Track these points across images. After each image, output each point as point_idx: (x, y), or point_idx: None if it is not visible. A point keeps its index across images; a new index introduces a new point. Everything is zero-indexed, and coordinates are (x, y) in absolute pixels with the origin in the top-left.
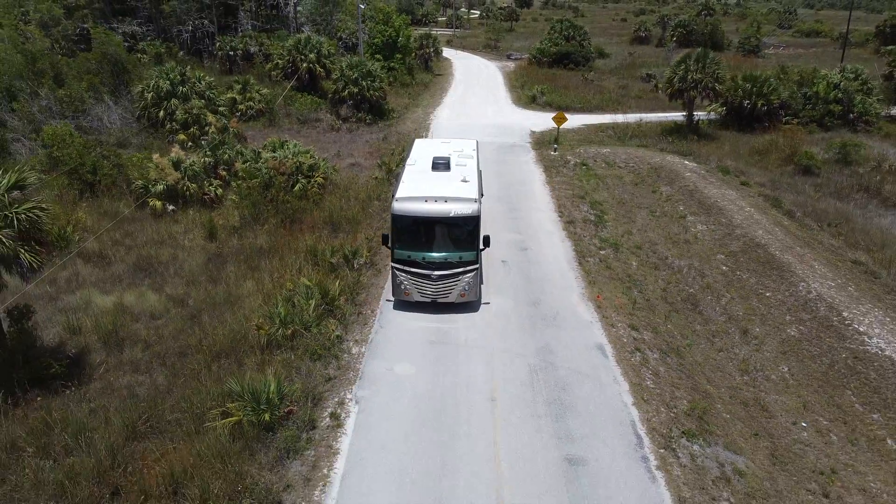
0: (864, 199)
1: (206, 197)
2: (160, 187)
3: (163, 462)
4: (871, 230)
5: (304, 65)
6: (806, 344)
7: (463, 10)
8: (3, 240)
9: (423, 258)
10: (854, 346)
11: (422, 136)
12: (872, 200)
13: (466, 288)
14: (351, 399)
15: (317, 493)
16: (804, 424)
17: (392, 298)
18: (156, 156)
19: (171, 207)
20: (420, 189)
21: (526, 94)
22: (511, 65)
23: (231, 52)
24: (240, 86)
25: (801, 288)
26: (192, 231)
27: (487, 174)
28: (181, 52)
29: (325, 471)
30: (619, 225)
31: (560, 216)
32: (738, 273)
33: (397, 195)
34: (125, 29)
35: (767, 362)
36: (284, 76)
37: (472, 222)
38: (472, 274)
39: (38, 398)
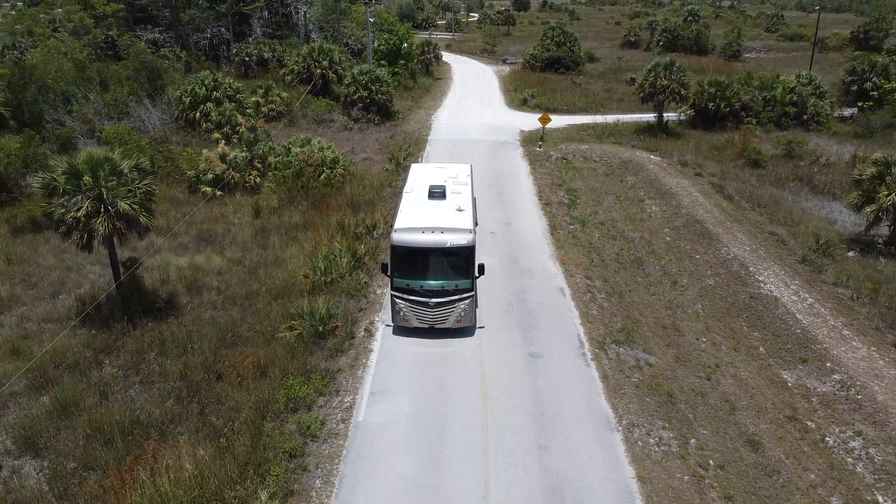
0: (797, 186)
1: (246, 184)
2: (210, 176)
3: (250, 357)
4: (794, 210)
5: (318, 71)
6: (718, 290)
7: (462, 13)
8: (132, 206)
9: (421, 286)
10: (752, 290)
11: (423, 135)
12: (805, 188)
13: (462, 314)
14: (378, 320)
15: (359, 372)
16: (704, 340)
17: (391, 324)
18: (206, 151)
19: (219, 193)
20: (417, 219)
21: (518, 96)
22: (506, 69)
23: (247, 58)
24: (262, 90)
25: (723, 251)
26: (239, 211)
27: (481, 168)
28: (204, 59)
29: (363, 361)
30: (587, 207)
31: (539, 200)
32: (678, 242)
33: (396, 226)
34: (147, 36)
35: (687, 302)
36: (300, 81)
37: (468, 252)
38: (468, 301)
39: (149, 324)
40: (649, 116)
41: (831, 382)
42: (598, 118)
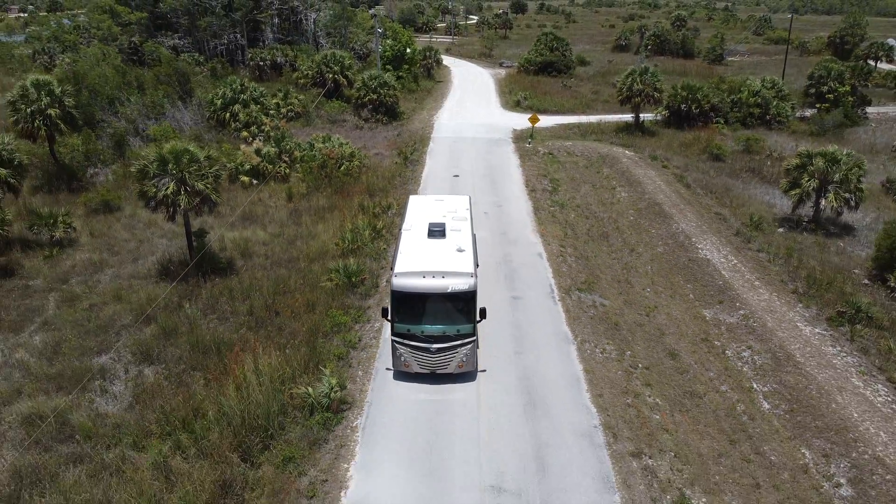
0: (749, 177)
1: (277, 174)
2: (247, 167)
3: (300, 300)
4: (742, 196)
5: (331, 75)
6: (665, 255)
7: (461, 14)
8: (206, 186)
9: (422, 332)
10: (691, 255)
11: (427, 134)
12: (755, 178)
13: (464, 359)
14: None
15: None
16: (648, 290)
17: (392, 368)
18: (243, 146)
19: (255, 182)
20: (417, 261)
21: (512, 98)
22: (502, 72)
23: (261, 62)
24: (281, 94)
25: (673, 227)
26: (274, 196)
27: (477, 161)
28: (220, 66)
29: (386, 301)
30: (567, 193)
31: (526, 187)
32: (639, 220)
33: (396, 270)
34: (168, 42)
35: (640, 264)
36: (313, 84)
37: (469, 296)
38: (470, 346)
39: (216, 279)
40: (628, 117)
41: (737, 316)
42: (584, 118)
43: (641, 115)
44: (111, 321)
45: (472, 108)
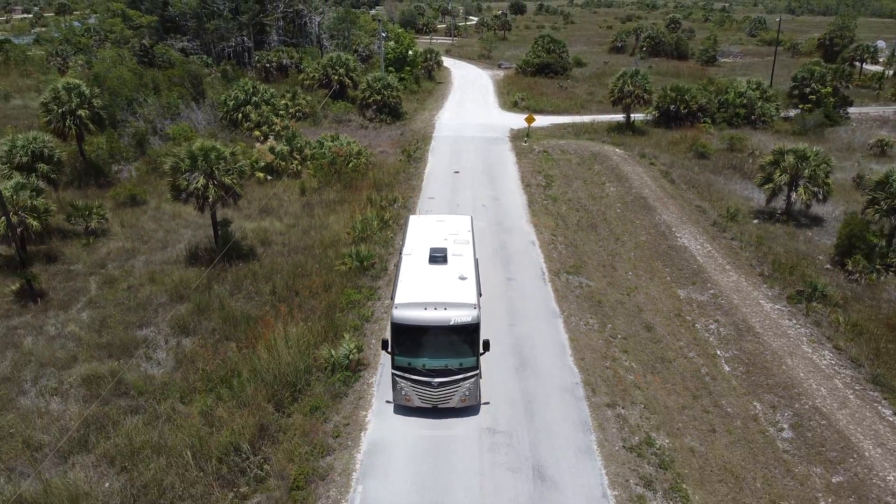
0: (730, 173)
1: (290, 171)
2: (262, 164)
3: (317, 281)
4: (722, 191)
5: (336, 77)
6: (647, 243)
7: (460, 15)
8: (231, 180)
9: (424, 365)
10: (670, 242)
11: (429, 133)
12: (736, 174)
13: (467, 393)
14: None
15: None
16: (630, 273)
17: (392, 401)
18: (258, 144)
19: (269, 178)
20: (418, 291)
21: (510, 99)
22: (501, 73)
23: (267, 64)
24: (290, 94)
25: (656, 218)
26: (287, 191)
27: (476, 159)
28: (231, 68)
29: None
30: (560, 188)
31: (522, 182)
32: (626, 213)
33: (396, 300)
34: (177, 45)
35: (624, 251)
36: (319, 86)
37: (472, 329)
38: (473, 379)
39: (240, 263)
40: (620, 117)
41: (707, 295)
42: (578, 118)
43: (633, 115)
44: (149, 300)
45: (471, 108)
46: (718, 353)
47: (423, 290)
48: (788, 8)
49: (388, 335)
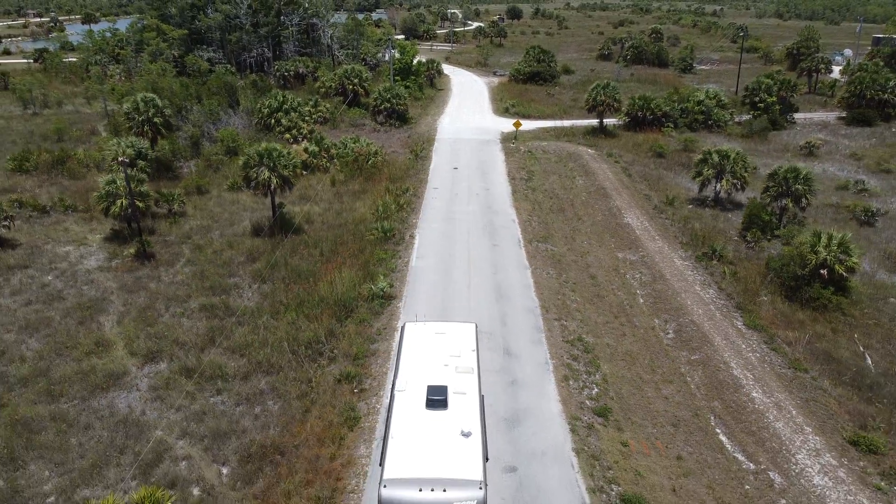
0: (680, 169)
1: (320, 167)
2: (298, 161)
3: (353, 246)
4: (669, 183)
5: (351, 87)
6: (601, 222)
7: (459, 21)
8: (288, 172)
9: None
10: (618, 221)
11: (432, 135)
12: (684, 170)
13: None
14: (416, 234)
15: (410, 250)
16: (585, 242)
17: None
18: (294, 146)
19: (304, 172)
20: (412, 459)
21: (502, 106)
22: (495, 81)
23: (286, 73)
24: (312, 102)
25: (611, 204)
26: (320, 183)
27: (472, 159)
28: (259, 80)
29: (411, 247)
30: (538, 181)
31: (508, 176)
32: (588, 200)
33: (385, 475)
34: (205, 56)
35: (583, 227)
36: (336, 94)
37: None
38: None
39: (292, 236)
40: (595, 122)
41: (638, 256)
42: (560, 123)
43: (607, 120)
44: (231, 259)
45: (468, 114)
46: (637, 291)
47: (417, 456)
48: (777, 12)
49: None
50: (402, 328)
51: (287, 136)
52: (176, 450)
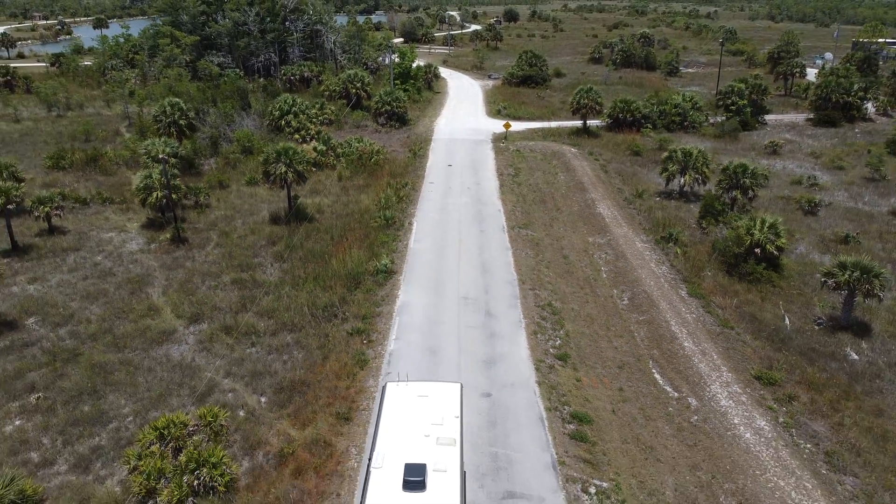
0: (653, 166)
1: (328, 164)
2: (309, 158)
3: (359, 231)
4: (642, 178)
5: (354, 91)
6: (577, 212)
7: (457, 23)
8: (303, 168)
9: None
10: (592, 211)
11: (429, 136)
12: (657, 167)
13: None
14: (414, 221)
15: (409, 234)
16: (562, 228)
17: None
18: (304, 145)
19: (314, 169)
20: None
21: (495, 108)
22: (490, 84)
23: (291, 77)
24: (318, 105)
25: (587, 196)
26: (328, 178)
27: (466, 157)
28: (269, 84)
29: (409, 231)
30: (524, 176)
31: (497, 172)
32: (568, 193)
33: None
34: (215, 60)
35: (560, 216)
36: (339, 97)
37: None
38: None
39: (306, 223)
40: (580, 123)
41: (605, 239)
42: (547, 124)
43: (591, 121)
44: (254, 243)
45: (463, 116)
46: (602, 268)
47: None
48: (769, 15)
49: None
50: (383, 389)
51: (296, 136)
52: (223, 385)
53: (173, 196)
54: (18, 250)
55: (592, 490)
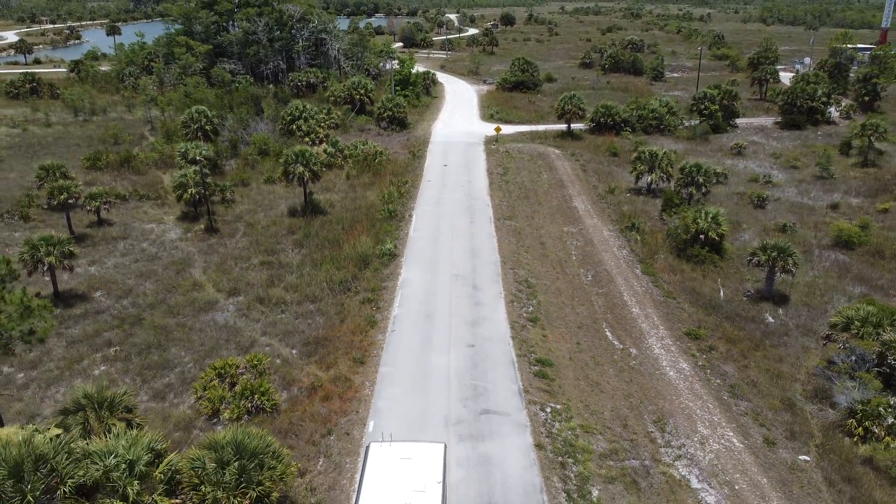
0: (628, 166)
1: (336, 165)
2: (321, 160)
3: (366, 222)
4: (616, 177)
5: (358, 97)
6: (556, 206)
7: (455, 27)
8: (318, 167)
9: None
10: (568, 205)
11: (427, 138)
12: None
13: None
14: (413, 214)
15: (409, 224)
16: (541, 220)
17: None
18: (315, 147)
19: (324, 169)
20: None
21: (488, 112)
22: (484, 89)
23: (298, 83)
24: (325, 110)
25: (565, 192)
26: (336, 178)
27: (460, 158)
28: (280, 91)
29: (409, 226)
30: (511, 175)
31: (487, 172)
32: (549, 190)
33: None
34: (227, 68)
35: (541, 210)
36: (344, 102)
37: None
38: None
39: (319, 216)
40: (564, 127)
41: (578, 229)
42: (535, 127)
43: (575, 125)
44: (276, 232)
45: (458, 120)
46: (572, 252)
47: None
48: (761, 18)
49: None
50: (367, 449)
51: (306, 139)
52: (261, 341)
53: (206, 192)
54: (76, 238)
55: (549, 409)
